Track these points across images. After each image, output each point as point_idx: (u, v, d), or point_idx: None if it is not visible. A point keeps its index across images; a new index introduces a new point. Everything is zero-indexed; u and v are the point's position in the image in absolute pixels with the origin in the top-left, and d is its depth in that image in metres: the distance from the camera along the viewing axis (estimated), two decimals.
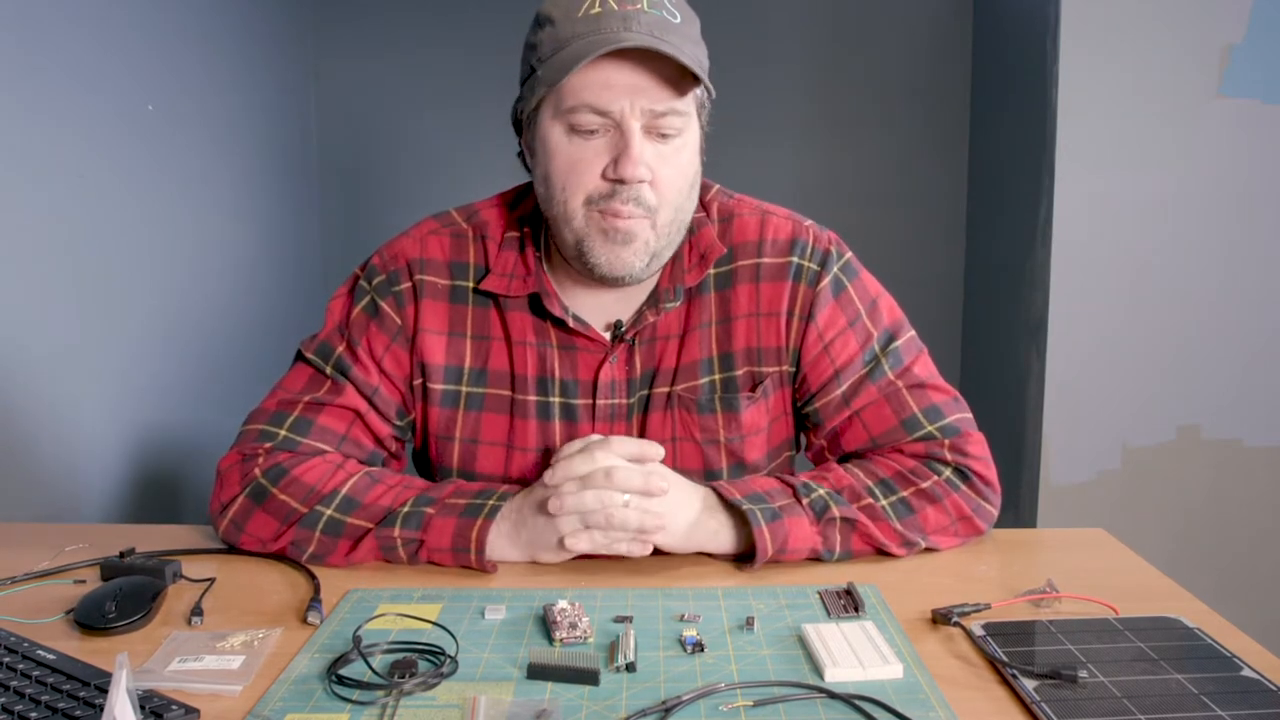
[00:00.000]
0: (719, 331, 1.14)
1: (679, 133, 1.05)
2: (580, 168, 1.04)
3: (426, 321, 1.14)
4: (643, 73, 1.01)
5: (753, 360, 1.15)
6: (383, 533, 1.03)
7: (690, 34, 1.05)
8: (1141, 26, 2.25)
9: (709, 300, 1.15)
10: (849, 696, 0.76)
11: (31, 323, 1.76)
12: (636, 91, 1.01)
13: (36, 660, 0.80)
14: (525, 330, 1.14)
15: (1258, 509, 2.38)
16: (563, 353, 1.14)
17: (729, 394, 1.14)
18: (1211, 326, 2.33)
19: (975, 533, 1.11)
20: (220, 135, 2.55)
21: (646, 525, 0.98)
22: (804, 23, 3.13)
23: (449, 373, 1.15)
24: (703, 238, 1.14)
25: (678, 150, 1.05)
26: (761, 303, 1.14)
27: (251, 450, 1.11)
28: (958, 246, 3.17)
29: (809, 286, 1.14)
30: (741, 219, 1.16)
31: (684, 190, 1.07)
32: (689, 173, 1.08)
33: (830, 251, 1.16)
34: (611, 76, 1.01)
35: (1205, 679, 0.78)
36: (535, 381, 1.14)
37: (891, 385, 1.13)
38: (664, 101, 1.02)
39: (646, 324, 1.12)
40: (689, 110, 1.05)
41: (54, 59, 1.81)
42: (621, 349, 1.13)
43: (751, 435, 1.16)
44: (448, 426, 1.16)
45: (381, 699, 0.77)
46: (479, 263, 1.15)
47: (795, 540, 1.02)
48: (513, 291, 1.13)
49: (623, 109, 1.01)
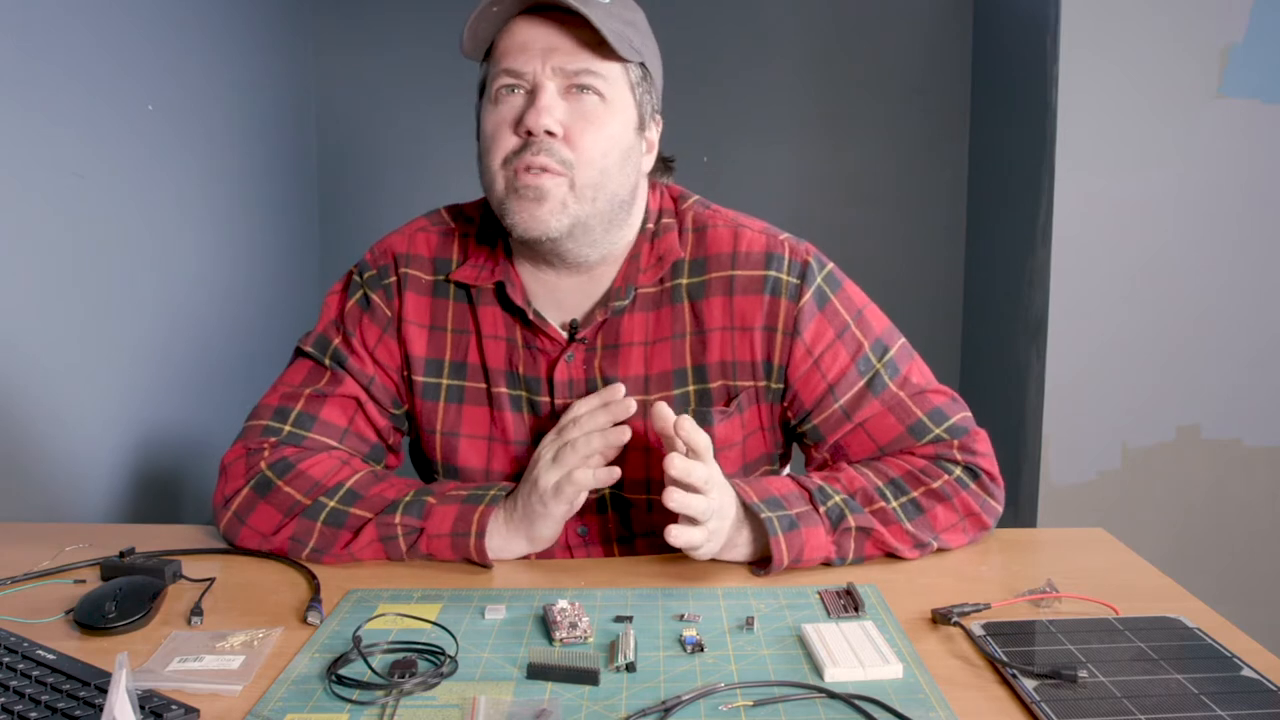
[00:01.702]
0: (693, 343, 1.13)
1: (600, 95, 1.06)
2: (500, 129, 1.06)
3: (410, 314, 1.16)
4: (558, 35, 1.04)
5: (727, 374, 1.13)
6: (383, 520, 1.04)
7: (618, 13, 1.06)
8: (1141, 26, 2.26)
9: (682, 310, 1.13)
10: (849, 696, 0.76)
11: (31, 323, 1.76)
12: (550, 52, 1.04)
13: (36, 660, 0.80)
14: (496, 324, 1.15)
15: (1258, 509, 2.38)
16: (526, 349, 1.14)
17: (703, 407, 1.13)
18: (1211, 326, 2.33)
19: (982, 529, 1.11)
20: (220, 135, 2.55)
21: (611, 443, 1.04)
22: (804, 23, 3.13)
23: (430, 365, 1.16)
24: (664, 240, 1.14)
25: (598, 112, 1.06)
26: (735, 316, 1.12)
27: (257, 444, 1.11)
28: (958, 246, 3.17)
29: (791, 301, 1.12)
30: (715, 230, 1.15)
31: (609, 155, 1.06)
32: (616, 141, 1.07)
33: (809, 264, 1.13)
34: (528, 40, 1.05)
35: (1205, 679, 0.78)
36: (505, 375, 1.15)
37: (894, 396, 1.12)
38: (577, 61, 1.04)
39: (604, 325, 1.12)
40: (611, 76, 1.06)
41: (54, 59, 1.81)
42: (578, 349, 1.13)
43: (724, 449, 1.14)
44: (429, 419, 1.17)
45: (381, 699, 0.77)
46: (459, 258, 1.17)
47: (811, 550, 1.02)
48: (480, 281, 1.14)
49: (535, 69, 1.04)
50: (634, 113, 1.09)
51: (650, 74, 1.11)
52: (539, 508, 1.04)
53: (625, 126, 1.08)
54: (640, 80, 1.09)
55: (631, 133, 1.09)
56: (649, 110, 1.12)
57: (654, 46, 1.13)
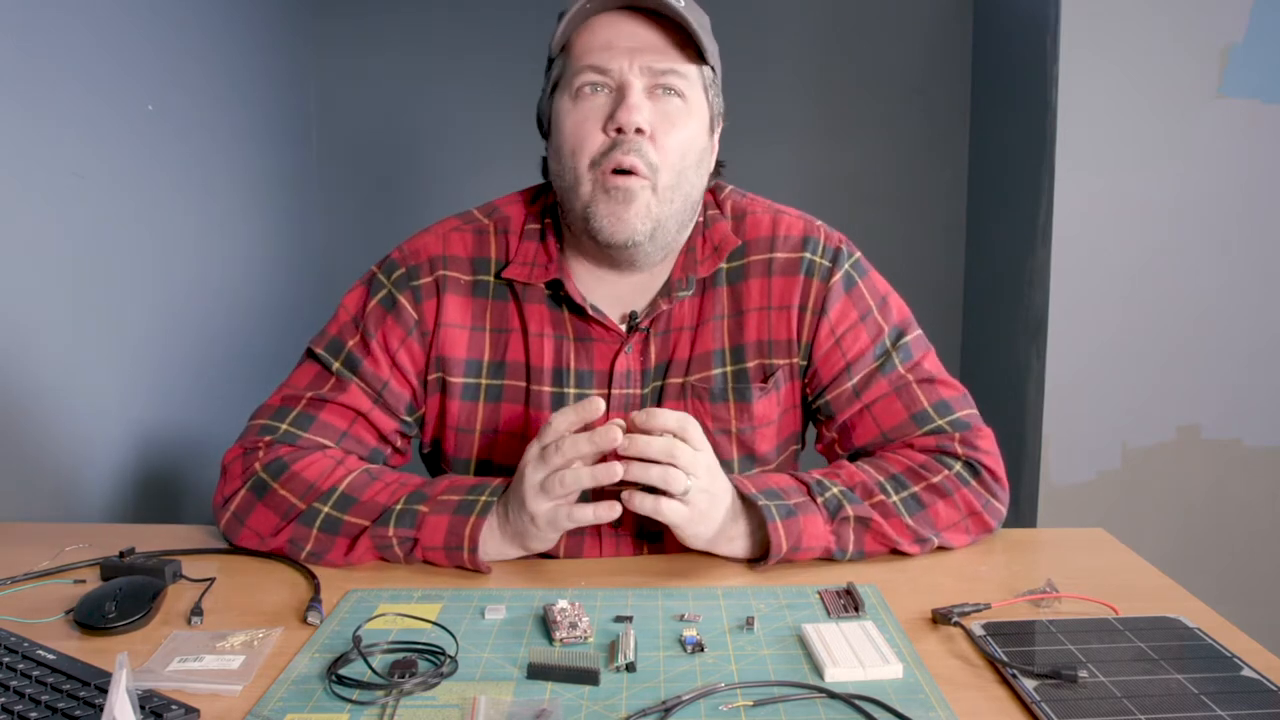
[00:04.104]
0: (731, 324, 1.16)
1: (682, 96, 1.07)
2: (584, 127, 1.06)
3: (449, 316, 1.15)
4: (643, 34, 1.05)
5: (764, 353, 1.16)
6: (377, 531, 1.03)
7: (691, 15, 1.07)
8: (1141, 26, 2.25)
9: (721, 293, 1.16)
10: (849, 696, 0.76)
11: (31, 323, 1.76)
12: (636, 51, 1.05)
13: (36, 660, 0.80)
14: (542, 322, 1.15)
15: (1258, 509, 2.37)
16: (579, 344, 1.14)
17: (741, 384, 1.16)
18: (1211, 326, 2.33)
19: (985, 529, 1.11)
20: (220, 135, 2.55)
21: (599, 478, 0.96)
22: (804, 23, 3.13)
23: (470, 366, 1.16)
24: (716, 230, 1.17)
25: (680, 114, 1.07)
26: (773, 296, 1.16)
27: (253, 444, 1.11)
28: (958, 246, 3.17)
29: (821, 282, 1.16)
30: (755, 216, 1.19)
31: (687, 157, 1.08)
32: (694, 142, 1.09)
33: (841, 249, 1.18)
34: (612, 38, 1.05)
35: (1205, 679, 0.78)
36: (551, 373, 1.15)
37: (902, 379, 1.14)
38: (664, 61, 1.05)
39: (660, 313, 1.14)
40: (692, 78, 1.08)
41: (54, 59, 1.81)
42: (637, 339, 1.14)
43: (763, 426, 1.17)
44: (468, 419, 1.16)
45: (381, 699, 0.77)
46: (500, 257, 1.17)
47: (809, 538, 1.03)
48: (533, 279, 1.14)
49: (622, 67, 1.05)
50: (707, 115, 1.11)
51: (719, 76, 1.13)
52: (532, 529, 1.01)
53: (701, 128, 1.10)
54: (712, 82, 1.12)
55: (705, 135, 1.11)
56: (717, 112, 1.14)
57: (716, 48, 1.14)
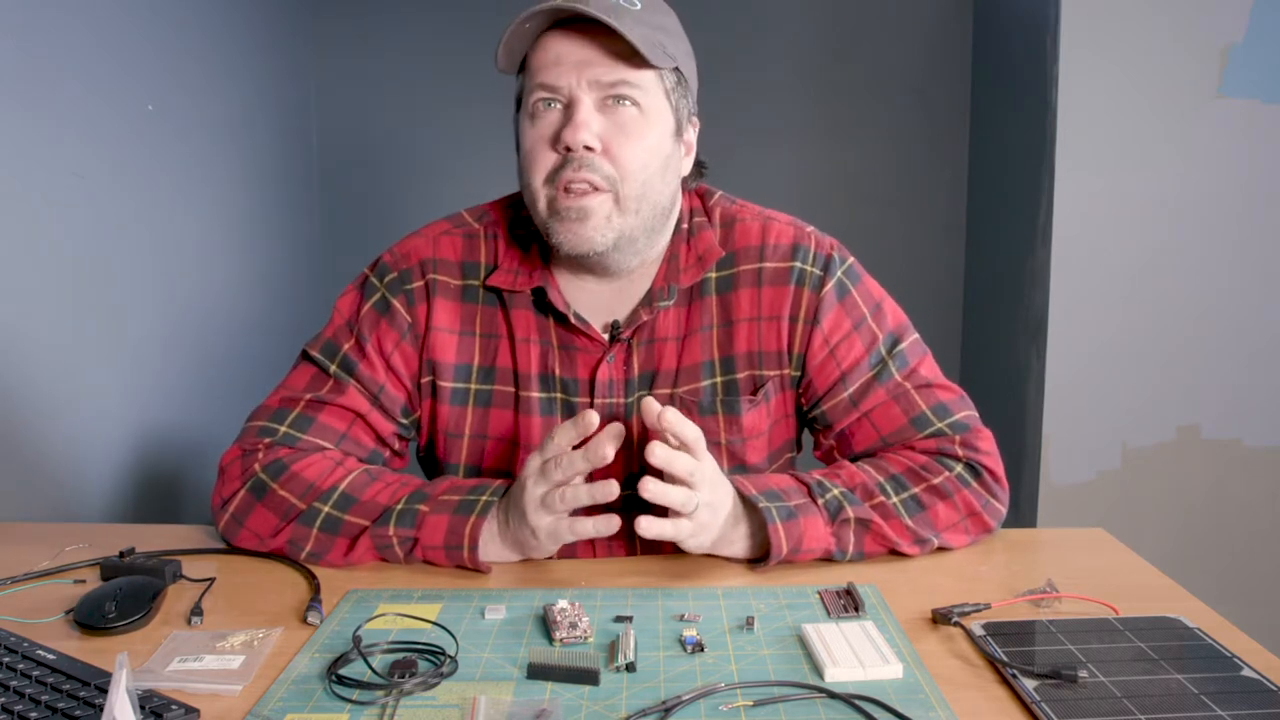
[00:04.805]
0: (720, 335, 1.15)
1: (638, 105, 1.06)
2: (538, 147, 1.06)
3: (439, 320, 1.15)
4: (591, 48, 1.04)
5: (754, 364, 1.15)
6: (378, 531, 1.03)
7: (648, 19, 1.06)
8: (1141, 27, 2.25)
9: (710, 303, 1.15)
10: (849, 696, 0.76)
11: (31, 323, 1.76)
12: (584, 65, 1.04)
13: (36, 660, 0.80)
14: (529, 328, 1.15)
15: (1258, 509, 2.37)
16: (563, 351, 1.14)
17: (730, 397, 1.15)
18: (1211, 326, 2.33)
19: (985, 530, 1.11)
20: (220, 135, 2.55)
21: (596, 497, 0.96)
22: (804, 23, 3.13)
23: (459, 371, 1.16)
24: (702, 240, 1.15)
25: (636, 124, 1.06)
26: (763, 307, 1.15)
27: (252, 445, 1.11)
28: (958, 246, 3.17)
29: (813, 291, 1.14)
30: (744, 224, 1.17)
31: (650, 165, 1.07)
32: (656, 150, 1.07)
33: (833, 257, 1.17)
34: (562, 53, 1.04)
35: (1205, 679, 0.78)
36: (538, 378, 1.14)
37: (900, 387, 1.13)
38: (613, 73, 1.04)
39: (642, 323, 1.13)
40: (646, 84, 1.06)
41: (54, 59, 1.81)
42: (619, 349, 1.14)
43: (752, 438, 1.16)
44: (457, 423, 1.16)
45: (381, 699, 0.77)
46: (489, 261, 1.16)
47: (810, 540, 1.02)
48: (518, 286, 1.13)
49: (570, 83, 1.04)
50: (671, 119, 1.10)
51: (685, 77, 1.11)
52: (532, 541, 1.01)
53: (663, 135, 1.09)
54: (675, 85, 1.10)
55: (670, 140, 1.10)
56: (685, 114, 1.13)
57: (687, 47, 1.13)
